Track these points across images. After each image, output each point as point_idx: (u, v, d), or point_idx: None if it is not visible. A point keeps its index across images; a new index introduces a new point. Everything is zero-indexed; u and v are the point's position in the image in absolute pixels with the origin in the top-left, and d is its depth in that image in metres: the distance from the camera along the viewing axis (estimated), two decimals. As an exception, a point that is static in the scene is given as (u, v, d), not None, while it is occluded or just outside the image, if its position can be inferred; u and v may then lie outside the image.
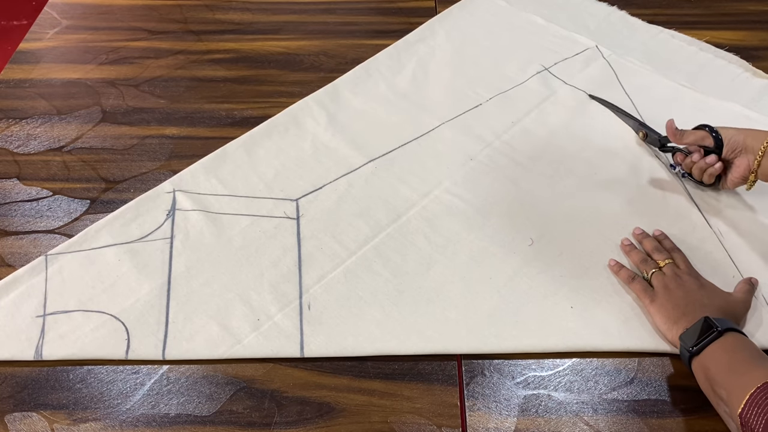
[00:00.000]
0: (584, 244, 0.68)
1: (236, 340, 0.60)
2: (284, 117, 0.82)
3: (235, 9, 1.02)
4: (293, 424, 0.55)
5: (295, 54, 0.93)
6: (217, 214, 0.70)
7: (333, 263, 0.66)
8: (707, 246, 0.68)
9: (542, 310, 0.62)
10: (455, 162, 0.77)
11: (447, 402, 0.57)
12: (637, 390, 0.57)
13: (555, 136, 0.80)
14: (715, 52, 0.92)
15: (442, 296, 0.63)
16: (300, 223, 0.70)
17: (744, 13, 1.00)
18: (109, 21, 0.99)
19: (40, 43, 0.94)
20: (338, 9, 1.02)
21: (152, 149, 0.79)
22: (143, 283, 0.64)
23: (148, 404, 0.56)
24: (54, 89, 0.87)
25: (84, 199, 0.73)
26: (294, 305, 0.62)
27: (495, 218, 0.70)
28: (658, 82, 0.87)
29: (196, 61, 0.92)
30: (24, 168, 0.76)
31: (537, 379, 0.58)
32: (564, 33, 0.95)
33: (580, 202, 0.72)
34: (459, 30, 0.97)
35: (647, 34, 0.96)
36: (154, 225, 0.69)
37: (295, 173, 0.75)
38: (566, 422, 0.55)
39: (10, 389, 0.57)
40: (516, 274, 0.65)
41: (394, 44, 0.94)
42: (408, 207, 0.71)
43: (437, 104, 0.84)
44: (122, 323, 0.61)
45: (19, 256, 0.67)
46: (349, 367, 0.59)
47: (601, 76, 0.89)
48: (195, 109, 0.84)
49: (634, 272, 0.65)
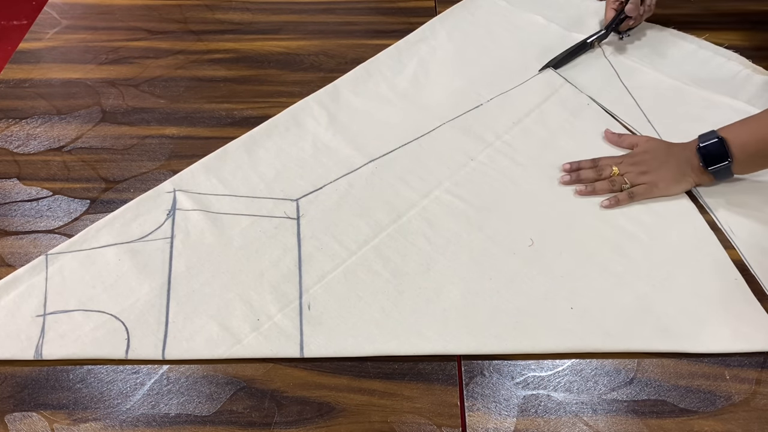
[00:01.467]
0: (584, 245, 0.68)
1: (236, 340, 0.60)
2: (285, 117, 0.82)
3: (235, 9, 1.02)
4: (293, 424, 0.55)
5: (295, 54, 0.93)
6: (218, 213, 0.70)
7: (333, 263, 0.66)
8: (708, 247, 0.68)
9: (542, 310, 0.62)
10: (456, 162, 0.77)
11: (447, 402, 0.57)
12: (636, 390, 0.57)
13: (555, 136, 0.80)
14: (715, 49, 0.92)
15: (442, 297, 0.63)
16: (300, 223, 0.70)
17: (744, 13, 1.00)
18: (108, 21, 0.99)
19: (40, 43, 0.94)
20: (338, 9, 1.02)
21: (152, 149, 0.79)
22: (143, 282, 0.64)
23: (148, 404, 0.56)
24: (54, 89, 0.87)
25: (84, 199, 0.73)
26: (294, 305, 0.62)
27: (495, 219, 0.70)
28: (660, 80, 0.88)
29: (196, 61, 0.92)
30: (24, 168, 0.76)
31: (536, 380, 0.58)
32: (564, 32, 0.96)
33: (580, 203, 0.72)
34: (460, 30, 0.97)
35: (647, 32, 0.96)
36: (155, 225, 0.69)
37: (295, 173, 0.75)
38: (566, 422, 0.55)
39: (10, 389, 0.57)
40: (516, 275, 0.65)
41: (395, 44, 0.94)
42: (408, 207, 0.71)
43: (438, 104, 0.84)
44: (122, 323, 0.61)
45: (19, 256, 0.67)
46: (349, 367, 0.59)
47: (603, 75, 0.89)
48: (195, 109, 0.84)
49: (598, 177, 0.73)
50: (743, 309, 0.62)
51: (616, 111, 0.83)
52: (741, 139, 0.67)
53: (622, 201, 0.71)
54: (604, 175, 0.73)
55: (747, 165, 0.69)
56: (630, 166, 0.73)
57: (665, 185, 0.71)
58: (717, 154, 0.68)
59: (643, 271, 0.66)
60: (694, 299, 0.63)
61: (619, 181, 0.72)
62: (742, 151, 0.67)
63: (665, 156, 0.72)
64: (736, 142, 0.67)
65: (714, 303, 0.63)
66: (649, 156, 0.73)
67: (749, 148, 0.67)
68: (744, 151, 0.67)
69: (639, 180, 0.72)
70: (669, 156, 0.72)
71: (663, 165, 0.71)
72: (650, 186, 0.71)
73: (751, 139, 0.67)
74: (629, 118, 0.82)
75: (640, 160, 0.73)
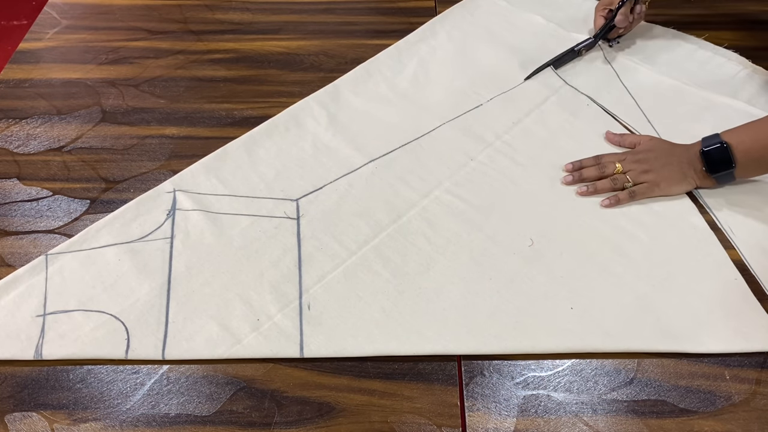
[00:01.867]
0: (584, 245, 0.68)
1: (236, 340, 0.60)
2: (285, 117, 0.82)
3: (235, 9, 1.02)
4: (293, 424, 0.55)
5: (295, 54, 0.93)
6: (218, 214, 0.70)
7: (333, 263, 0.66)
8: (708, 247, 0.68)
9: (542, 310, 0.62)
10: (456, 162, 0.77)
11: (447, 402, 0.57)
12: (636, 390, 0.57)
13: (555, 136, 0.80)
14: (714, 49, 0.92)
15: (442, 297, 0.63)
16: (300, 223, 0.70)
17: (744, 13, 1.00)
18: (108, 21, 0.99)
19: (40, 43, 0.94)
20: (338, 9, 1.02)
21: (152, 149, 0.79)
22: (143, 282, 0.64)
23: (148, 404, 0.56)
24: (54, 89, 0.87)
25: (84, 199, 0.73)
26: (294, 305, 0.62)
27: (495, 219, 0.70)
28: (660, 81, 0.88)
29: (196, 61, 0.92)
30: (24, 168, 0.76)
31: (536, 380, 0.58)
32: (564, 33, 0.96)
33: (580, 203, 0.72)
34: (460, 30, 0.97)
35: (647, 32, 0.96)
36: (155, 225, 0.69)
37: (295, 173, 0.75)
38: (566, 422, 0.55)
39: (10, 389, 0.57)
40: (516, 275, 0.65)
41: (395, 44, 0.94)
42: (408, 207, 0.71)
43: (438, 104, 0.84)
44: (122, 323, 0.61)
45: (19, 256, 0.67)
46: (349, 367, 0.59)
47: (603, 76, 0.89)
48: (195, 109, 0.84)
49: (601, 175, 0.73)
50: (743, 309, 0.62)
51: (616, 111, 0.83)
52: (745, 145, 0.67)
53: (623, 200, 0.71)
54: (606, 173, 0.73)
55: (749, 170, 0.69)
56: (633, 164, 0.73)
57: (667, 185, 0.71)
58: (721, 159, 0.68)
59: (643, 271, 0.66)
60: (694, 299, 0.63)
61: (621, 180, 0.72)
62: (746, 156, 0.67)
63: (668, 156, 0.72)
64: (740, 148, 0.67)
65: (714, 303, 0.63)
66: (652, 155, 0.72)
67: (753, 154, 0.66)
68: (747, 157, 0.67)
69: (641, 179, 0.71)
70: (672, 156, 0.72)
71: (665, 165, 0.71)
72: (652, 185, 0.71)
73: (756, 145, 0.66)
74: (629, 119, 0.82)
75: (643, 158, 0.73)
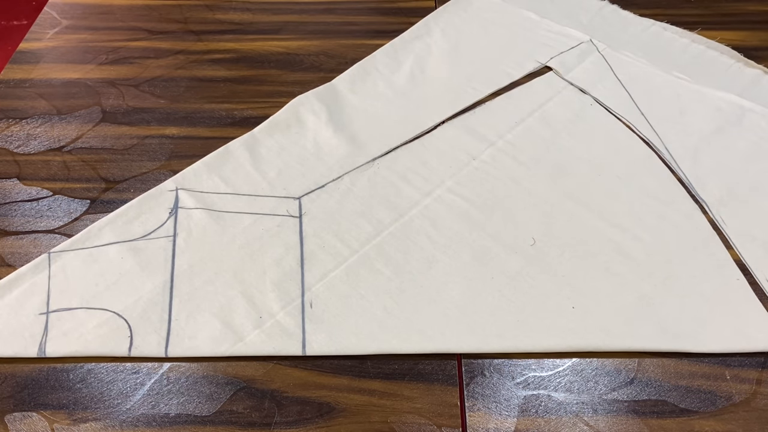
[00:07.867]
0: (586, 244, 0.68)
1: (238, 337, 0.60)
2: (285, 114, 0.82)
3: (235, 9, 1.02)
4: (293, 424, 0.55)
5: (295, 54, 0.93)
6: (220, 212, 0.70)
7: (335, 261, 0.66)
8: (709, 247, 0.68)
9: (544, 310, 0.62)
10: (458, 161, 0.77)
11: (447, 402, 0.57)
12: (637, 390, 0.57)
13: (558, 136, 0.80)
14: (707, 43, 0.93)
15: (444, 295, 0.63)
16: (302, 222, 0.70)
17: (744, 13, 1.01)
18: (109, 21, 0.99)
19: (40, 43, 0.94)
20: (338, 9, 1.02)
21: (152, 149, 0.79)
22: (146, 280, 0.64)
23: (148, 404, 0.56)
24: (54, 89, 0.87)
25: (84, 199, 0.73)
26: (296, 303, 0.62)
27: (497, 218, 0.70)
28: (654, 74, 0.88)
29: (196, 61, 0.92)
30: (24, 168, 0.76)
31: (537, 380, 0.58)
32: (558, 28, 0.96)
33: (582, 202, 0.72)
34: (454, 27, 0.97)
35: (640, 26, 0.97)
36: (157, 223, 0.69)
37: (297, 171, 0.75)
38: (566, 422, 0.55)
39: (10, 389, 0.57)
40: (518, 274, 0.65)
41: (391, 42, 0.94)
42: (410, 206, 0.71)
43: (438, 102, 0.84)
44: (125, 320, 0.61)
45: (19, 256, 0.67)
46: (350, 366, 0.59)
47: (597, 70, 0.89)
48: (195, 109, 0.84)
49: None
50: (744, 309, 0.62)
51: (619, 110, 0.83)
52: None
53: None
54: None
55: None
56: None
57: None
58: None
59: (644, 270, 0.66)
60: (695, 299, 0.63)
61: None
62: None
63: None
64: None
65: (715, 303, 0.63)
66: None
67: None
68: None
69: None
70: None
71: None
72: None
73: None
74: (631, 118, 0.83)
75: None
